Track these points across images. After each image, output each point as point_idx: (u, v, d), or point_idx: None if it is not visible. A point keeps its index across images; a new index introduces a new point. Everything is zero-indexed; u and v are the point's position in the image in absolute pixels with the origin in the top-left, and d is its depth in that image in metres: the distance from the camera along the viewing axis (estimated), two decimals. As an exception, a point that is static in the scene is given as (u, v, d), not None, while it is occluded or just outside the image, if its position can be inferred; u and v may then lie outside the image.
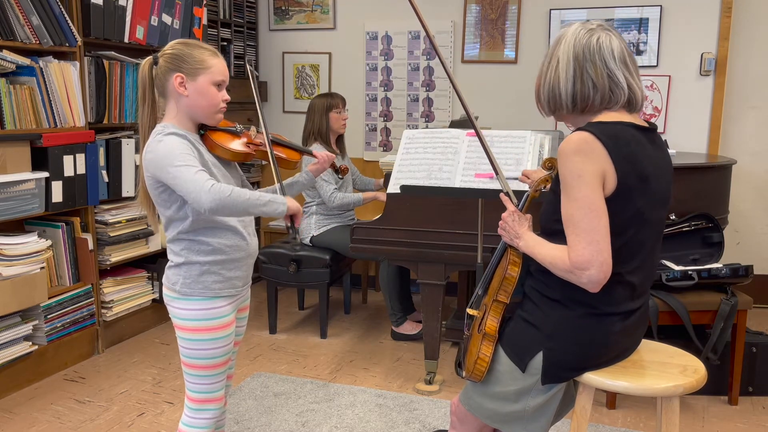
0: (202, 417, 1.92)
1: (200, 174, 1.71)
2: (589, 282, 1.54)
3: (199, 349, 1.86)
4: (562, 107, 1.67)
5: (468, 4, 4.36)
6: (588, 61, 1.61)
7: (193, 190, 1.68)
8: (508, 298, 1.74)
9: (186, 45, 1.84)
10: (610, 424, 2.79)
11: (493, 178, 2.78)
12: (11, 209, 2.94)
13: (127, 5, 3.45)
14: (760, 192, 4.16)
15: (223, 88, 1.87)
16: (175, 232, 1.84)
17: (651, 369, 1.72)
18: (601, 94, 1.62)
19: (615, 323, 1.65)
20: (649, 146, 1.63)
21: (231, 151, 1.88)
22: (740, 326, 2.84)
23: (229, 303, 1.90)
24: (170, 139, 1.76)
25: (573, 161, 1.55)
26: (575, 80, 1.62)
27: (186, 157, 1.72)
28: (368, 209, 4.08)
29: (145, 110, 1.85)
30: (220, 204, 1.69)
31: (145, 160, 1.78)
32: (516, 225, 1.74)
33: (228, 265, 1.87)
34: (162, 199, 1.81)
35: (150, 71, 1.83)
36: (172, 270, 1.88)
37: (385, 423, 2.78)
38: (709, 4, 3.97)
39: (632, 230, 1.60)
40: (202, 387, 1.90)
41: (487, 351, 1.73)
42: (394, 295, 3.72)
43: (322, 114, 3.76)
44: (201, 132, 1.89)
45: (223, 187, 1.70)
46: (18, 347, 3.00)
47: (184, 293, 1.85)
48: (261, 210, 1.79)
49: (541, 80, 1.69)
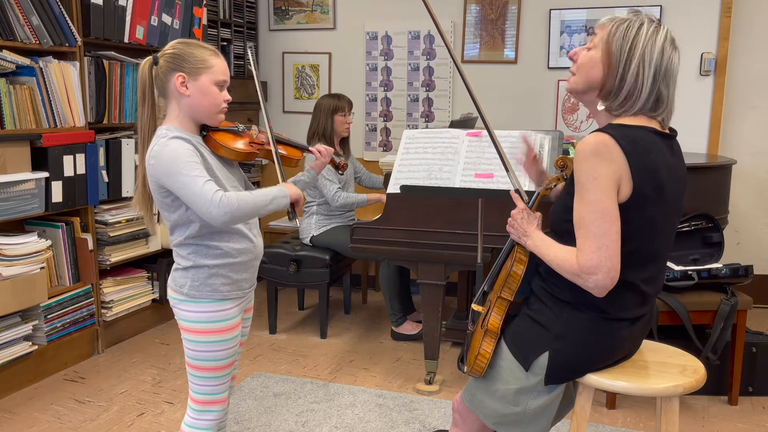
0: (205, 419, 1.91)
1: (208, 185, 1.70)
2: (595, 287, 1.53)
3: (206, 351, 1.86)
4: (628, 107, 1.62)
5: (468, 4, 4.36)
6: (667, 76, 1.60)
7: (203, 204, 1.69)
8: (512, 295, 1.74)
9: (187, 44, 1.83)
10: (610, 424, 2.79)
11: (493, 177, 2.78)
12: (11, 209, 2.94)
13: (127, 5, 3.45)
14: (760, 192, 4.16)
15: (225, 88, 1.86)
16: (182, 237, 1.83)
17: (651, 369, 1.72)
18: (656, 105, 1.62)
19: (624, 328, 1.64)
20: (667, 154, 1.61)
21: (235, 150, 1.88)
22: (740, 326, 2.84)
23: (236, 305, 1.90)
24: (175, 144, 1.74)
25: (589, 162, 1.53)
26: (653, 87, 1.59)
27: (192, 166, 1.72)
28: (368, 209, 4.08)
29: (145, 111, 1.83)
30: (230, 216, 1.71)
31: (150, 166, 1.76)
32: (524, 223, 1.73)
33: (236, 268, 1.87)
34: (166, 204, 1.80)
35: (150, 71, 1.81)
36: (179, 273, 1.86)
37: (385, 423, 2.78)
38: (709, 4, 3.97)
39: (645, 238, 1.59)
40: (206, 389, 1.90)
41: (488, 347, 1.73)
42: (394, 295, 3.72)
43: (327, 115, 3.77)
44: (203, 133, 1.88)
45: (230, 197, 1.71)
46: (18, 347, 3.00)
47: (192, 296, 1.84)
48: (268, 209, 1.80)
49: (617, 67, 1.59)
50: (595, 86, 1.63)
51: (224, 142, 1.87)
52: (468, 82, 1.89)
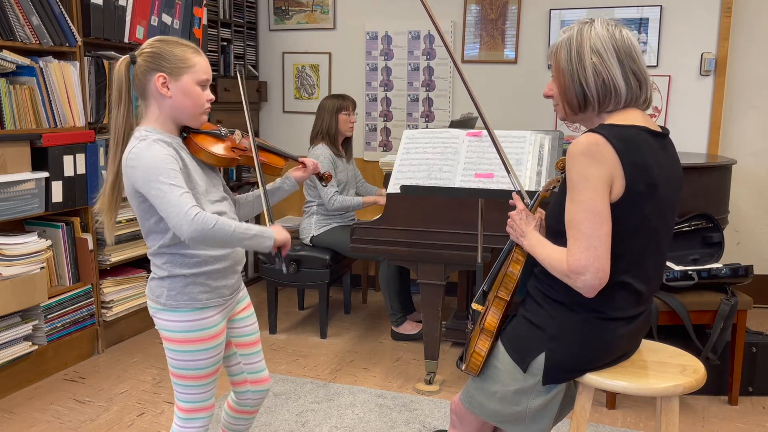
0: (191, 426, 1.87)
1: (185, 198, 1.62)
2: (584, 287, 1.54)
3: (188, 360, 1.80)
4: (613, 100, 1.62)
5: (468, 4, 4.36)
6: (628, 55, 1.59)
7: (175, 216, 1.60)
8: (508, 295, 1.74)
9: (165, 42, 1.73)
10: (610, 424, 2.79)
11: (493, 177, 2.78)
12: (11, 209, 2.94)
13: (127, 5, 3.46)
14: (760, 192, 4.16)
15: (207, 87, 1.78)
16: (156, 246, 1.76)
17: (650, 369, 1.72)
18: (639, 84, 1.61)
19: (619, 327, 1.64)
20: (660, 152, 1.62)
21: (215, 155, 1.80)
22: (740, 326, 2.84)
23: (217, 312, 1.83)
24: (155, 149, 1.66)
25: (581, 163, 1.53)
26: (623, 70, 1.59)
27: (171, 174, 1.63)
28: (368, 210, 4.08)
29: (120, 112, 1.73)
30: (202, 235, 1.61)
31: (128, 168, 1.68)
32: (523, 224, 1.74)
33: (214, 275, 1.80)
34: (142, 210, 1.73)
35: (127, 71, 1.72)
36: (155, 282, 1.80)
37: (385, 423, 2.78)
38: (709, 4, 3.97)
39: (638, 237, 1.59)
40: (191, 397, 1.85)
41: (484, 345, 1.74)
42: (394, 295, 3.72)
43: (331, 114, 3.78)
44: (183, 135, 1.80)
45: (208, 217, 1.62)
46: (18, 347, 3.00)
47: (170, 305, 1.77)
48: (245, 244, 1.71)
49: (578, 78, 1.61)
50: (576, 105, 1.65)
51: (204, 145, 1.79)
52: (468, 84, 1.89)
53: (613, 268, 1.54)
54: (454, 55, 1.90)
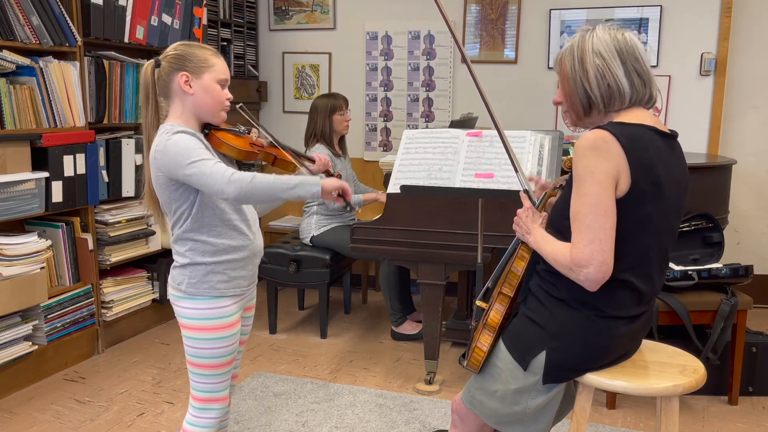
0: (206, 417, 1.93)
1: (218, 165, 1.72)
2: (586, 280, 1.54)
3: (205, 348, 1.88)
4: (618, 101, 1.63)
5: (468, 4, 4.36)
6: (630, 55, 1.61)
7: (214, 183, 1.70)
8: (512, 291, 1.75)
9: (188, 46, 1.88)
10: (610, 424, 2.79)
11: (493, 177, 2.78)
12: (11, 209, 2.94)
13: (127, 5, 3.45)
14: (760, 192, 4.16)
15: (226, 87, 1.90)
16: (180, 231, 1.85)
17: (650, 369, 1.72)
18: (643, 83, 1.63)
19: (620, 327, 1.65)
20: (667, 153, 1.62)
21: (236, 148, 1.90)
22: (740, 326, 2.84)
23: (234, 302, 1.91)
24: (179, 137, 1.77)
25: (587, 157, 1.54)
26: (627, 70, 1.61)
27: (200, 152, 1.74)
28: (368, 209, 4.08)
29: (149, 112, 1.86)
30: (242, 191, 1.70)
31: (156, 160, 1.78)
32: (529, 221, 1.74)
33: (233, 265, 1.88)
34: (174, 198, 1.82)
35: (153, 74, 1.85)
36: (177, 270, 1.89)
37: (385, 423, 2.78)
38: (709, 4, 3.97)
39: (642, 236, 1.60)
40: (206, 386, 1.91)
41: (486, 341, 1.74)
42: (394, 295, 3.72)
43: (325, 116, 3.77)
44: (205, 131, 1.91)
45: (245, 174, 1.71)
46: (18, 347, 3.00)
47: (190, 293, 1.86)
48: (291, 193, 1.75)
49: (581, 82, 1.63)
50: (581, 109, 1.67)
51: (226, 139, 1.90)
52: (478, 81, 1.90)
53: (615, 266, 1.55)
54: (464, 51, 1.91)
